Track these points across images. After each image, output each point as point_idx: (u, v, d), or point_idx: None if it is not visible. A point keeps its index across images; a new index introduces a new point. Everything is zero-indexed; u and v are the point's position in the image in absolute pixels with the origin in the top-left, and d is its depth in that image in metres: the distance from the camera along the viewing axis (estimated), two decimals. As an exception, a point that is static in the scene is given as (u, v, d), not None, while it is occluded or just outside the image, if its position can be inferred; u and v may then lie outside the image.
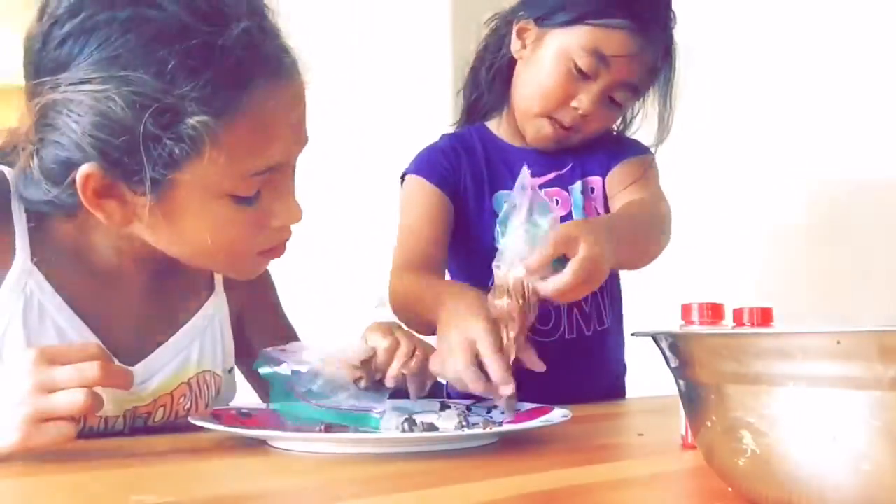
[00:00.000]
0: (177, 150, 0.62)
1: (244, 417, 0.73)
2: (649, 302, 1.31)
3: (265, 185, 0.68)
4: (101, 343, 0.66)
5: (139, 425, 0.78)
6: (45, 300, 0.71)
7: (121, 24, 0.61)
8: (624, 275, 1.21)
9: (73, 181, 0.64)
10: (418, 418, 0.74)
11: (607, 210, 1.11)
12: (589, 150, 1.12)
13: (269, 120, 0.66)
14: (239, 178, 0.66)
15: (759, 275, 1.53)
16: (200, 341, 0.81)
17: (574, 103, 1.01)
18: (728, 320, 0.67)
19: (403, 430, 0.70)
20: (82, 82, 0.62)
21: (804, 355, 0.37)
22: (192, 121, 0.61)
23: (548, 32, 1.03)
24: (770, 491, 0.39)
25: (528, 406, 0.76)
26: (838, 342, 0.35)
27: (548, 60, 1.02)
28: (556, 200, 1.09)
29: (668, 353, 0.46)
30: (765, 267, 1.53)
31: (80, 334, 0.72)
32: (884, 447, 0.35)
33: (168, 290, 0.80)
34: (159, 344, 0.78)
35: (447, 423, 0.75)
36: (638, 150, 1.14)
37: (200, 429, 0.66)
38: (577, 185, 1.11)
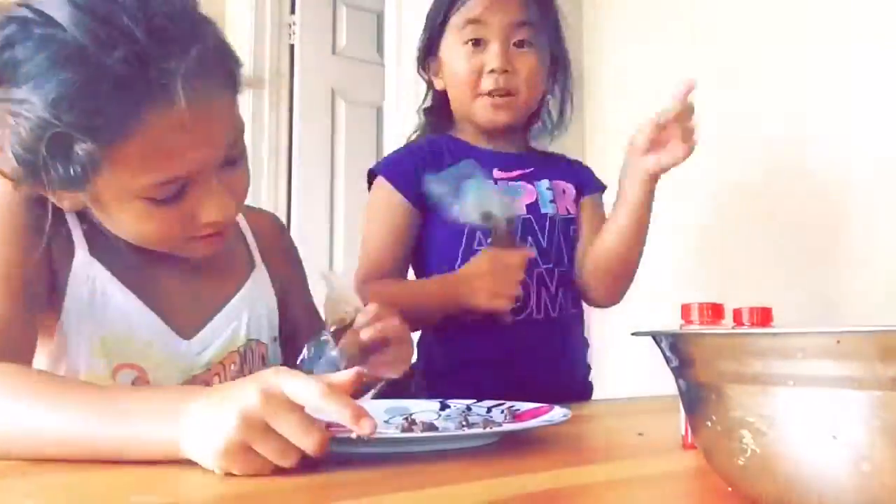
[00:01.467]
0: (72, 172, 0.66)
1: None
2: (650, 302, 1.31)
3: (190, 185, 0.72)
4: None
5: None
6: (108, 286, 0.78)
7: (34, 43, 0.64)
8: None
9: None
10: (418, 418, 0.74)
11: (577, 212, 1.19)
12: (551, 161, 1.23)
13: (162, 141, 0.67)
14: (146, 188, 0.70)
15: (759, 275, 1.53)
16: (248, 313, 0.87)
17: (486, 68, 1.11)
18: (728, 320, 0.67)
19: (403, 430, 0.70)
20: (2, 100, 0.66)
21: (804, 355, 0.37)
22: (79, 148, 0.65)
23: (440, 50, 1.16)
24: (770, 491, 0.39)
25: (529, 406, 0.76)
26: (838, 342, 0.35)
27: (449, 61, 1.15)
28: (521, 191, 1.16)
29: (669, 353, 0.46)
30: (765, 267, 1.53)
31: (141, 314, 0.79)
32: (884, 447, 0.35)
33: (211, 266, 0.85)
34: (210, 317, 0.84)
35: (447, 422, 0.75)
36: (600, 184, 1.25)
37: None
38: (544, 182, 1.18)
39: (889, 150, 1.37)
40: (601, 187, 1.26)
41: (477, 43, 1.12)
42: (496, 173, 1.15)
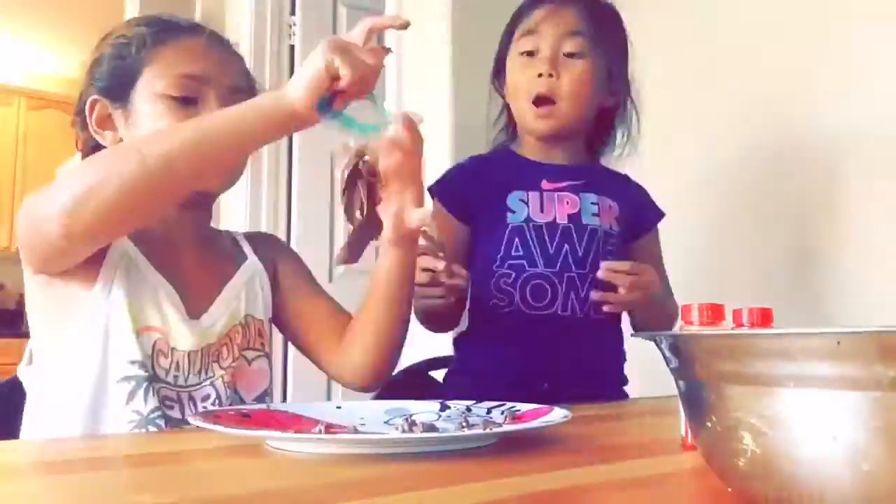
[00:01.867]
0: (127, 66, 0.95)
1: (243, 418, 0.73)
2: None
3: (200, 98, 0.94)
4: None
5: (212, 366, 0.95)
6: (141, 264, 0.93)
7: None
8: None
9: (85, 118, 0.97)
10: (418, 419, 0.74)
11: (620, 233, 1.23)
12: (608, 178, 1.28)
13: (188, 51, 0.95)
14: (171, 79, 0.93)
15: (759, 275, 1.53)
16: (245, 293, 1.02)
17: (535, 72, 1.16)
18: (728, 321, 0.67)
19: (403, 431, 0.70)
20: (106, 37, 0.99)
21: (804, 355, 0.37)
22: (136, 31, 0.96)
23: (505, 64, 1.23)
24: (770, 491, 0.39)
25: (529, 407, 0.76)
26: (838, 342, 0.35)
27: (509, 72, 1.22)
28: (566, 201, 1.20)
29: (669, 354, 0.46)
30: (765, 267, 1.53)
31: (166, 290, 0.93)
32: (884, 447, 0.35)
33: (212, 256, 1.03)
34: (215, 297, 0.98)
35: (447, 423, 0.75)
36: (657, 214, 1.30)
37: (200, 429, 0.66)
38: (590, 196, 1.22)
39: (891, 149, 1.37)
40: (659, 216, 1.30)
41: (531, 54, 1.18)
42: (544, 184, 1.21)
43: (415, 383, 1.32)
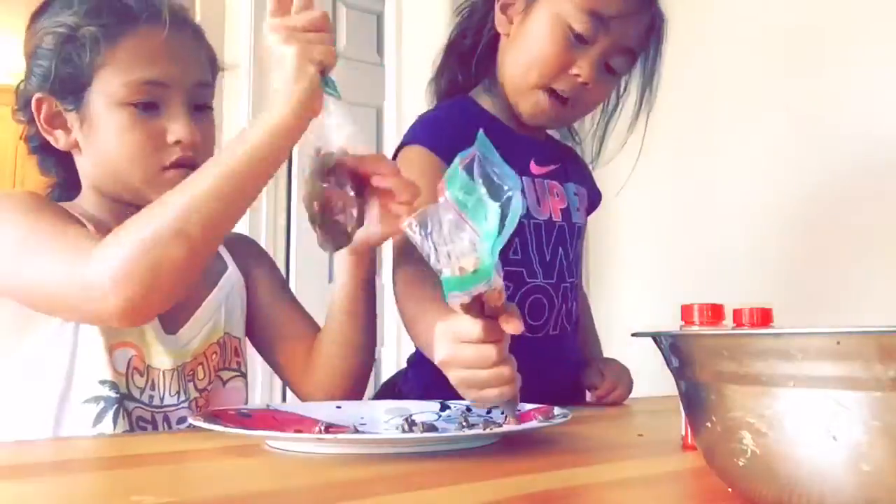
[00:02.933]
0: (78, 67, 0.86)
1: (243, 418, 0.73)
2: (650, 302, 1.31)
3: (163, 103, 0.87)
4: None
5: (187, 386, 0.90)
6: None
7: None
8: (625, 274, 1.21)
9: (32, 117, 0.89)
10: (418, 419, 0.74)
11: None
12: (570, 157, 1.13)
13: (149, 47, 0.87)
14: (131, 85, 0.85)
15: (759, 275, 1.53)
16: (224, 308, 0.96)
17: (574, 70, 0.95)
18: (728, 321, 0.67)
19: (403, 431, 0.70)
20: (42, 28, 0.88)
21: (804, 355, 0.37)
22: (86, 34, 0.85)
23: (536, 1, 0.97)
24: (770, 491, 0.39)
25: (528, 406, 0.76)
26: (838, 342, 0.35)
27: (540, 28, 0.96)
28: (556, 192, 1.06)
29: (669, 354, 0.46)
30: (765, 267, 1.53)
31: None
32: (884, 447, 0.35)
33: None
34: (194, 310, 0.93)
35: (447, 423, 0.75)
36: (599, 195, 1.18)
37: (200, 429, 0.66)
38: (571, 186, 1.10)
39: (891, 147, 1.37)
40: (599, 197, 1.20)
41: (582, 39, 0.94)
42: (533, 166, 1.04)
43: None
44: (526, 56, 0.98)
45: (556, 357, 1.06)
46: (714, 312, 0.65)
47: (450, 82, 1.09)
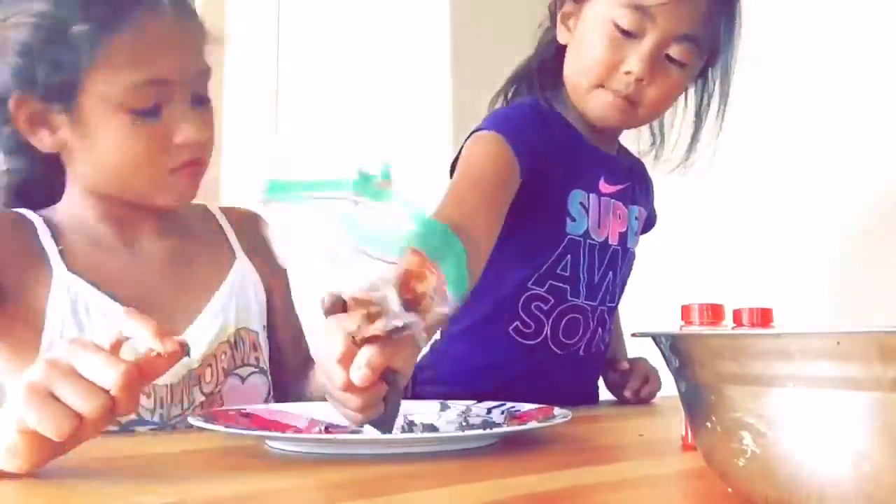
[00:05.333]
0: (65, 66, 0.75)
1: (243, 418, 0.73)
2: (649, 302, 1.31)
3: (165, 102, 0.79)
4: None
5: (192, 391, 0.84)
6: (89, 298, 0.80)
7: None
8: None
9: (9, 118, 0.78)
10: (418, 419, 0.74)
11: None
12: (637, 173, 1.11)
13: (149, 40, 0.77)
14: (131, 89, 0.76)
15: (759, 275, 1.53)
16: (235, 303, 0.89)
17: (624, 67, 0.93)
18: (728, 321, 0.67)
19: (403, 431, 0.70)
20: (5, 18, 0.76)
21: (804, 356, 0.37)
22: (77, 32, 0.74)
23: (585, 4, 0.97)
24: (770, 492, 0.39)
25: (529, 407, 0.76)
26: (838, 343, 0.35)
27: (589, 30, 0.95)
28: (619, 214, 1.03)
29: (669, 354, 0.46)
30: (765, 267, 1.53)
31: (130, 324, 0.74)
32: (884, 447, 0.35)
33: (190, 260, 0.90)
34: (196, 314, 0.86)
35: (447, 423, 0.75)
36: (655, 216, 1.17)
37: (200, 429, 0.66)
38: (635, 210, 1.07)
39: (890, 148, 1.37)
40: (654, 221, 1.18)
41: (628, 34, 0.92)
42: (602, 185, 1.01)
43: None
44: (579, 61, 0.97)
45: (576, 373, 1.05)
46: (714, 312, 0.65)
47: (515, 93, 1.08)
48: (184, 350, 0.53)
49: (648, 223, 1.16)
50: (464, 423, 0.74)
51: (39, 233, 0.83)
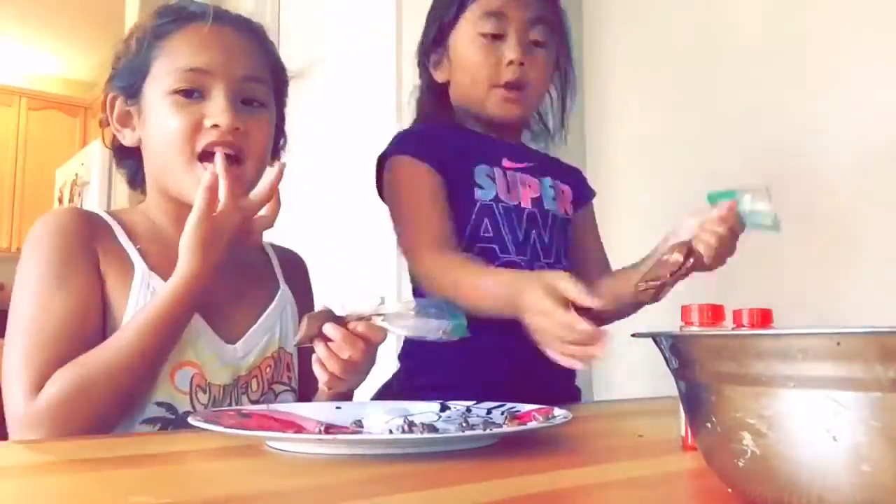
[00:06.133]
0: (140, 60, 0.93)
1: (243, 418, 0.73)
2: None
3: (206, 91, 0.91)
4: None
5: (241, 398, 0.93)
6: None
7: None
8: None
9: (108, 117, 0.96)
10: (418, 419, 0.74)
11: (572, 219, 1.21)
12: (552, 162, 1.25)
13: (195, 40, 0.92)
14: (175, 73, 0.91)
15: (759, 275, 1.53)
16: (279, 323, 0.99)
17: (505, 60, 1.11)
18: (728, 322, 0.67)
19: (403, 431, 0.70)
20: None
21: (804, 356, 0.37)
22: (147, 38, 0.94)
23: (449, 41, 1.16)
24: (770, 492, 0.39)
25: (529, 407, 0.76)
26: (838, 343, 0.35)
27: (463, 52, 1.14)
28: (528, 185, 1.17)
29: (669, 355, 0.46)
30: (765, 267, 1.53)
31: (196, 321, 0.89)
32: (884, 448, 0.35)
33: (247, 277, 1.00)
34: (251, 325, 0.96)
35: (447, 424, 0.75)
36: (591, 192, 1.29)
37: (200, 429, 0.66)
38: (547, 180, 1.19)
39: (890, 148, 1.37)
40: (592, 194, 1.30)
41: (495, 37, 1.12)
42: (505, 162, 1.16)
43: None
44: (468, 76, 1.15)
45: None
46: (714, 313, 0.65)
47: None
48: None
49: (582, 198, 1.27)
50: (464, 424, 0.74)
51: (115, 231, 0.92)
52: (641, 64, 1.79)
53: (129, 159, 1.01)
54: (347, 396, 0.93)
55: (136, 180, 1.02)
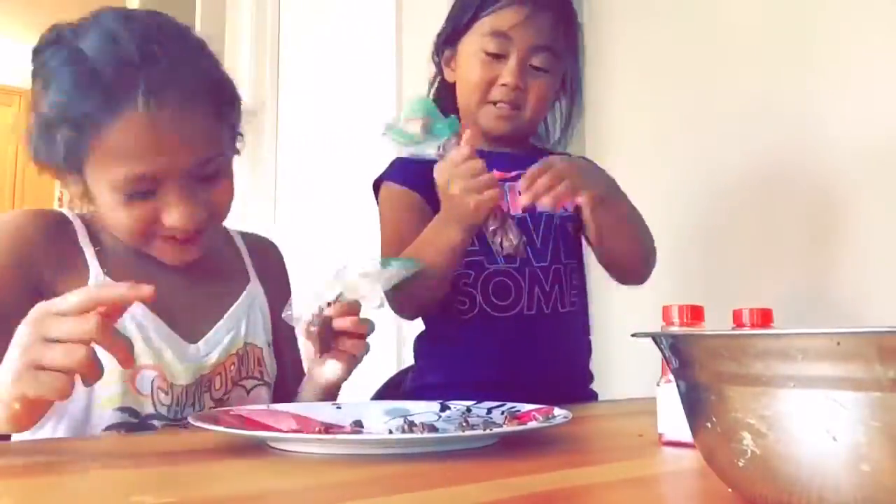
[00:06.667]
0: (63, 156, 0.83)
1: (243, 418, 0.73)
2: (649, 303, 1.31)
3: (158, 187, 0.84)
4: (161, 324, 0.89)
5: (203, 396, 0.92)
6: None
7: (61, 57, 0.83)
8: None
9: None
10: (418, 419, 0.74)
11: (572, 229, 1.21)
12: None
13: (132, 138, 0.80)
14: (118, 181, 0.82)
15: (759, 275, 1.53)
16: (246, 320, 0.98)
17: (500, 81, 1.14)
18: (707, 322, 0.68)
19: (403, 431, 0.70)
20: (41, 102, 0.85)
21: (804, 356, 0.37)
22: (61, 135, 0.82)
23: (459, 46, 1.18)
24: (770, 492, 0.39)
25: (529, 407, 0.76)
26: (838, 343, 0.35)
27: (466, 63, 1.17)
28: (519, 192, 1.15)
29: (669, 354, 0.46)
30: (764, 267, 1.53)
31: (155, 324, 0.88)
32: (884, 447, 0.35)
33: (210, 278, 0.97)
34: (213, 324, 0.94)
35: (447, 423, 0.75)
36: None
37: (200, 429, 0.66)
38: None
39: (890, 147, 1.37)
40: None
41: (497, 56, 1.13)
42: (495, 173, 1.14)
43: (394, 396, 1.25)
44: (466, 86, 1.18)
45: (534, 337, 1.14)
46: (693, 313, 0.66)
47: None
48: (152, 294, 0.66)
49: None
50: (464, 424, 0.74)
51: (78, 233, 0.91)
52: (641, 63, 1.79)
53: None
54: (332, 392, 0.93)
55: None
